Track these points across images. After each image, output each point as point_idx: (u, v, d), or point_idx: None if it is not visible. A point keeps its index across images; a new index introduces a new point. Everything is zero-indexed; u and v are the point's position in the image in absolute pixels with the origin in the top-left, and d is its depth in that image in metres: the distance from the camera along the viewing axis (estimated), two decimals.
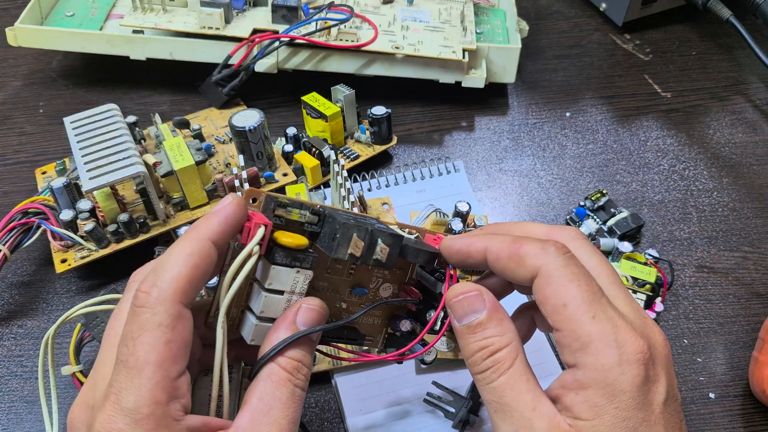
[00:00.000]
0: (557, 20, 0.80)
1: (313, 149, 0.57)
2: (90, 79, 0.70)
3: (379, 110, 0.59)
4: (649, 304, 0.50)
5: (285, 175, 0.56)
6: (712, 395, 0.47)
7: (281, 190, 0.54)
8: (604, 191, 0.58)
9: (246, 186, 0.51)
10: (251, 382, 0.29)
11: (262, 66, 0.63)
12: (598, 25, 0.79)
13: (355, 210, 0.51)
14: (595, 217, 0.56)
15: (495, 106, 0.69)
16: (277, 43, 0.61)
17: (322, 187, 0.58)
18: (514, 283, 0.30)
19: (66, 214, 0.49)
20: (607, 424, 0.26)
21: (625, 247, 0.52)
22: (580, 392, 0.27)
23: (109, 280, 0.52)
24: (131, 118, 0.57)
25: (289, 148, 0.57)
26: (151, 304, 0.27)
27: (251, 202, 0.30)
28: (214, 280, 0.35)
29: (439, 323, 0.33)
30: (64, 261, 0.49)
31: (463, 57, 0.62)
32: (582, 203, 0.57)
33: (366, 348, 0.37)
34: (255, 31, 0.62)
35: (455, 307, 0.30)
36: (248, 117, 0.53)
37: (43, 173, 0.58)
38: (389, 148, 0.62)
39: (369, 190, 0.59)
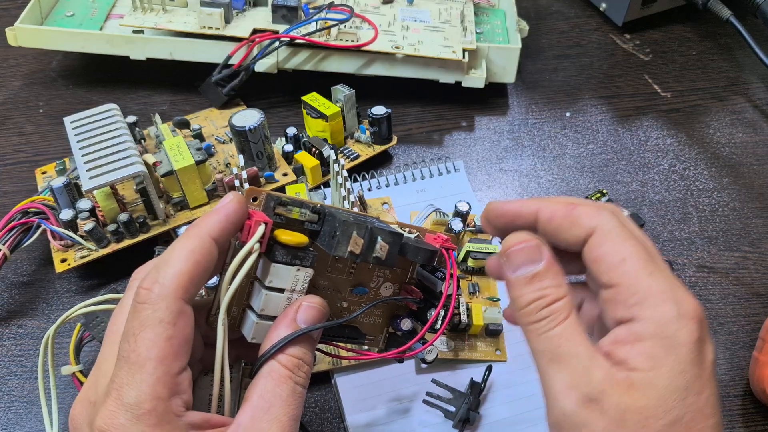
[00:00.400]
0: (557, 20, 0.80)
1: (313, 149, 0.57)
2: (90, 79, 0.70)
3: (379, 110, 0.59)
4: None
5: (285, 175, 0.56)
6: None
7: (281, 189, 0.54)
8: (604, 191, 0.58)
9: (246, 186, 0.51)
10: (252, 380, 0.29)
11: (262, 66, 0.63)
12: (598, 25, 0.79)
13: (355, 210, 0.51)
14: None
15: (495, 106, 0.69)
16: (277, 43, 0.61)
17: (322, 187, 0.58)
18: (563, 245, 0.30)
19: (66, 214, 0.49)
20: (664, 375, 0.26)
21: None
22: (637, 344, 0.26)
23: (109, 279, 0.52)
24: (131, 118, 0.57)
25: (289, 148, 0.57)
26: (152, 300, 0.27)
27: (252, 200, 0.30)
28: (215, 279, 0.35)
29: (439, 322, 0.33)
30: (63, 261, 0.49)
31: (463, 57, 0.62)
32: None
33: (367, 347, 0.37)
34: (255, 31, 0.62)
35: (513, 257, 0.29)
36: (248, 117, 0.53)
37: (43, 173, 0.58)
38: (389, 148, 0.62)
39: (369, 190, 0.59)
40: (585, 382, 0.26)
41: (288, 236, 0.29)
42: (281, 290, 0.30)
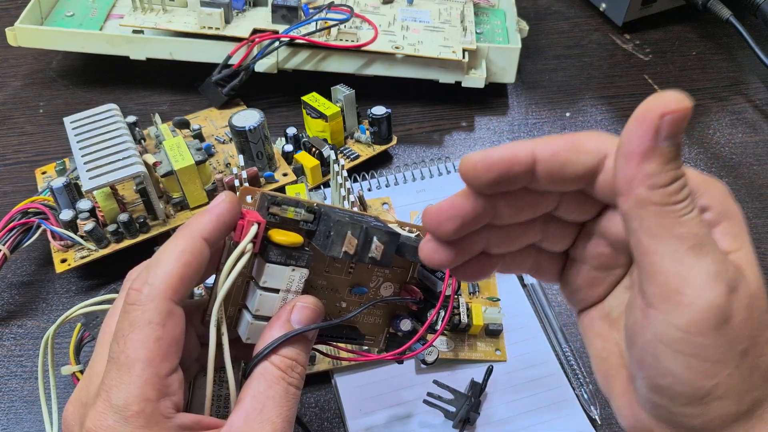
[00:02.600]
0: (557, 20, 0.80)
1: (313, 149, 0.57)
2: (90, 79, 0.70)
3: (379, 110, 0.59)
4: None
5: (285, 175, 0.56)
6: None
7: (281, 190, 0.54)
8: None
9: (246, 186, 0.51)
10: (245, 381, 0.29)
11: (262, 66, 0.63)
12: (598, 25, 0.79)
13: (355, 209, 0.51)
14: None
15: (495, 106, 0.69)
16: (277, 43, 0.61)
17: (322, 187, 0.58)
18: (569, 181, 0.26)
19: (66, 214, 0.49)
20: (750, 251, 0.25)
21: None
22: (715, 229, 0.25)
23: (109, 280, 0.52)
24: (131, 118, 0.57)
25: (289, 148, 0.57)
26: (141, 301, 0.27)
27: (247, 200, 0.30)
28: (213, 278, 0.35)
29: (439, 322, 0.33)
30: (63, 261, 0.49)
31: (463, 57, 0.62)
32: None
33: (366, 348, 0.37)
34: (255, 31, 0.62)
35: (669, 124, 0.23)
36: (248, 117, 0.53)
37: (43, 173, 0.58)
38: (389, 148, 0.62)
39: (369, 190, 0.59)
40: (725, 270, 0.23)
41: (282, 236, 0.29)
42: (276, 290, 0.30)
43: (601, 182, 0.26)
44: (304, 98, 0.59)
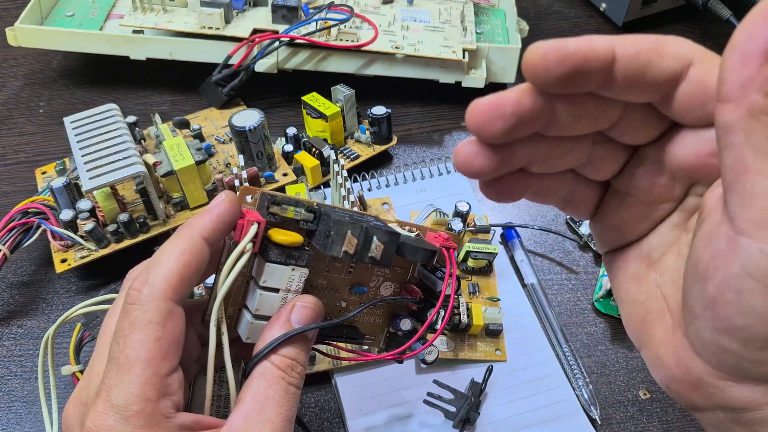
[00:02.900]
0: (557, 20, 0.80)
1: (313, 149, 0.58)
2: (90, 79, 0.70)
3: (379, 110, 0.59)
4: None
5: (285, 175, 0.56)
6: None
7: (281, 190, 0.54)
8: None
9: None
10: (245, 381, 0.29)
11: (262, 66, 0.63)
12: (598, 25, 0.79)
13: (355, 209, 0.51)
14: None
15: None
16: (277, 43, 0.61)
17: (322, 187, 0.58)
18: (648, 87, 0.24)
19: (66, 214, 0.49)
20: None
21: None
22: None
23: (109, 279, 0.52)
24: (131, 118, 0.57)
25: (289, 148, 0.57)
26: (141, 301, 0.27)
27: (247, 200, 0.30)
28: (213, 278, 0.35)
29: (439, 321, 0.33)
30: (64, 261, 0.49)
31: (463, 57, 0.62)
32: None
33: (366, 348, 0.37)
34: (255, 31, 0.62)
35: None
36: (248, 117, 0.53)
37: (43, 173, 0.58)
38: (389, 148, 0.62)
39: (369, 190, 0.59)
40: None
41: (282, 236, 0.29)
42: (276, 290, 0.30)
43: (681, 94, 0.23)
44: (304, 98, 0.59)
